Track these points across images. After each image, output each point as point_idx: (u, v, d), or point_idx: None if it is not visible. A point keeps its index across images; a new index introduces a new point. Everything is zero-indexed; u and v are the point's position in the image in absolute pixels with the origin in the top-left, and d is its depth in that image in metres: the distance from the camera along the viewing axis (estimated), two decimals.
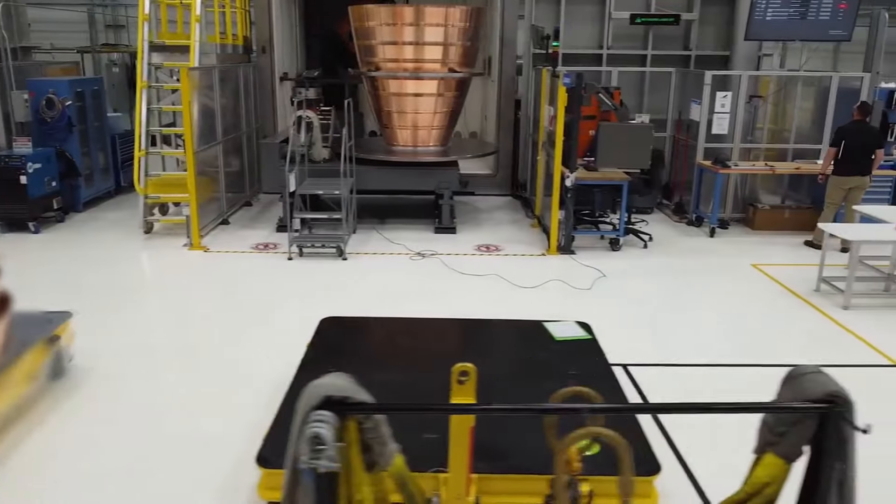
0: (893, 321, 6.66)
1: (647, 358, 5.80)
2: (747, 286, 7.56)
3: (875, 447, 4.46)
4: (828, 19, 9.33)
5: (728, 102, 9.65)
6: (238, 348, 5.86)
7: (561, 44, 11.07)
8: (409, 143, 9.91)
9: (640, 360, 5.76)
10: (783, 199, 10.31)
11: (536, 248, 8.77)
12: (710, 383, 5.42)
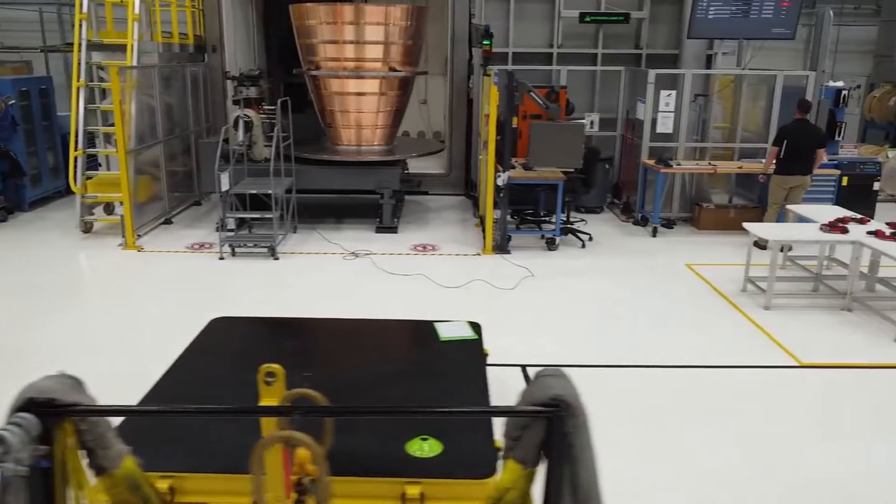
0: (810, 322, 6.58)
1: (550, 358, 5.73)
2: (676, 286, 7.50)
3: (765, 447, 4.44)
4: (770, 17, 9.26)
5: (672, 101, 9.59)
6: (129, 348, 5.81)
7: (512, 43, 11.11)
8: (352, 143, 9.87)
9: (544, 360, 5.69)
10: (730, 199, 10.24)
11: (473, 248, 8.72)
12: (606, 384, 5.36)
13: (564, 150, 8.17)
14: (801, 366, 5.70)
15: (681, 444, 4.53)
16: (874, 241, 6.53)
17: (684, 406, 5.03)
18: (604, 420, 4.65)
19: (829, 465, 4.32)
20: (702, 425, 4.76)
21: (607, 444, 4.34)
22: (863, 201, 9.29)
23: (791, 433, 4.67)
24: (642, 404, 5.04)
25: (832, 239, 6.82)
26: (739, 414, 4.92)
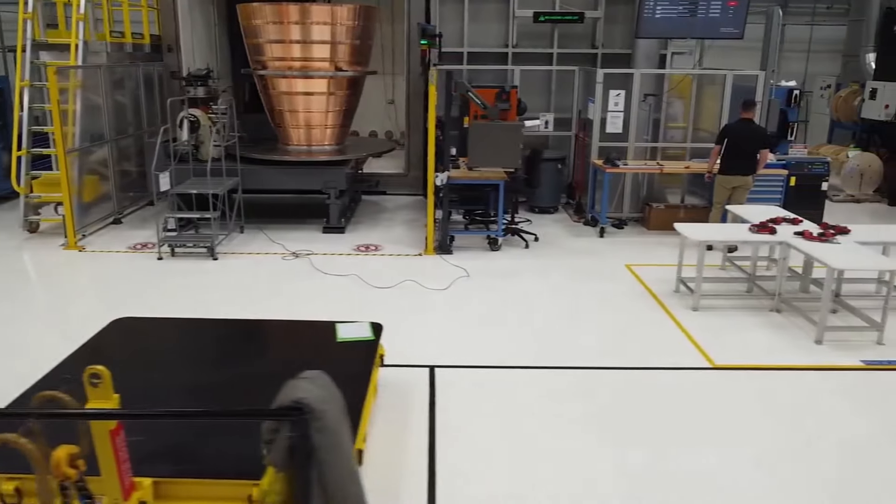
0: (735, 323, 6.54)
1: (459, 359, 5.71)
2: (609, 287, 7.46)
3: (640, 447, 4.38)
4: (718, 17, 9.22)
5: (622, 101, 9.56)
6: (39, 349, 5.78)
7: (467, 43, 11.08)
8: (302, 143, 9.85)
9: (458, 361, 5.68)
10: (682, 199, 10.19)
11: (416, 248, 8.69)
12: (516, 385, 5.33)
13: (503, 150, 8.13)
14: (713, 367, 5.67)
15: (552, 446, 4.49)
16: (799, 242, 6.49)
17: (572, 407, 4.98)
18: (485, 420, 4.71)
19: (693, 466, 4.29)
20: (580, 426, 4.72)
21: (482, 446, 4.39)
22: (811, 201, 9.26)
23: (675, 434, 4.64)
24: (524, 404, 5.01)
25: (760, 240, 6.78)
26: (627, 415, 4.88)
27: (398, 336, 6.11)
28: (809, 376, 5.55)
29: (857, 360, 5.79)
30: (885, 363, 5.76)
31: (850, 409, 5.03)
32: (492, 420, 4.80)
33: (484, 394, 5.18)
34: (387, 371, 5.30)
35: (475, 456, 4.37)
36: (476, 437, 4.58)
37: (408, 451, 4.41)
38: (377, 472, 4.17)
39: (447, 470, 4.22)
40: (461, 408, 4.95)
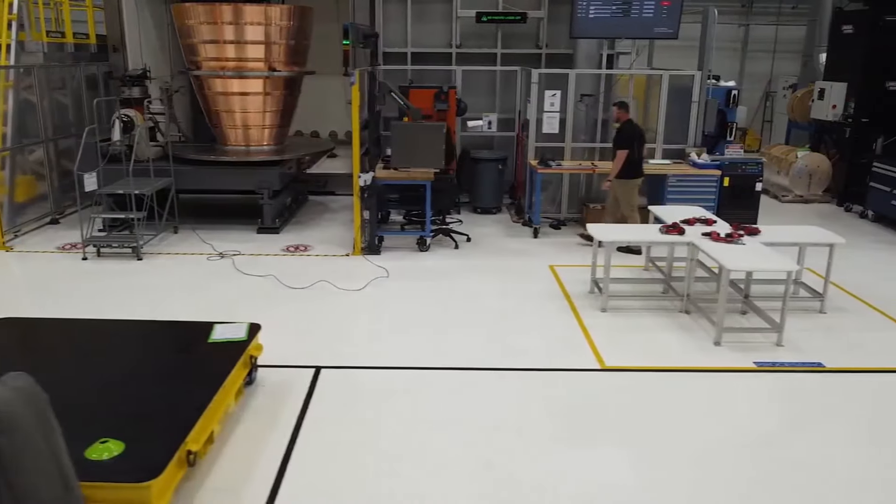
0: (639, 324, 6.51)
1: (354, 360, 5.69)
2: (525, 288, 7.43)
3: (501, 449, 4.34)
4: (651, 17, 9.18)
5: (557, 101, 9.54)
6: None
7: (410, 43, 11.06)
8: (240, 143, 9.84)
9: (348, 362, 5.66)
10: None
11: (347, 249, 8.67)
12: (398, 387, 5.31)
13: (426, 151, 8.12)
14: (602, 369, 5.65)
15: (411, 448, 4.48)
16: (705, 243, 6.46)
17: (446, 410, 4.97)
18: (356, 423, 4.70)
19: (553, 466, 4.28)
20: (448, 430, 4.70)
21: (342, 450, 4.38)
22: (745, 202, 9.23)
23: (546, 434, 4.62)
24: (400, 407, 4.99)
25: (668, 240, 6.76)
26: (500, 418, 4.86)
27: (293, 336, 6.14)
28: (697, 378, 5.53)
29: (750, 362, 5.77)
30: (776, 364, 5.73)
31: (727, 411, 5.01)
32: (362, 423, 4.78)
33: (365, 395, 5.17)
34: (272, 372, 5.32)
35: (330, 460, 4.36)
36: (340, 440, 4.56)
37: (264, 452, 4.39)
38: (224, 472, 4.17)
39: (296, 473, 4.21)
40: (337, 409, 4.94)
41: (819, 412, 5.04)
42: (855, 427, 4.84)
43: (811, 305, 6.97)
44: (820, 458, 4.44)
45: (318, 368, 5.53)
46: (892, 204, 9.81)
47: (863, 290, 7.45)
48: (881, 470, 4.33)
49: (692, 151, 9.49)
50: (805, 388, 5.41)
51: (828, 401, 5.22)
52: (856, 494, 4.09)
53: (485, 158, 10.35)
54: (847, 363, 5.79)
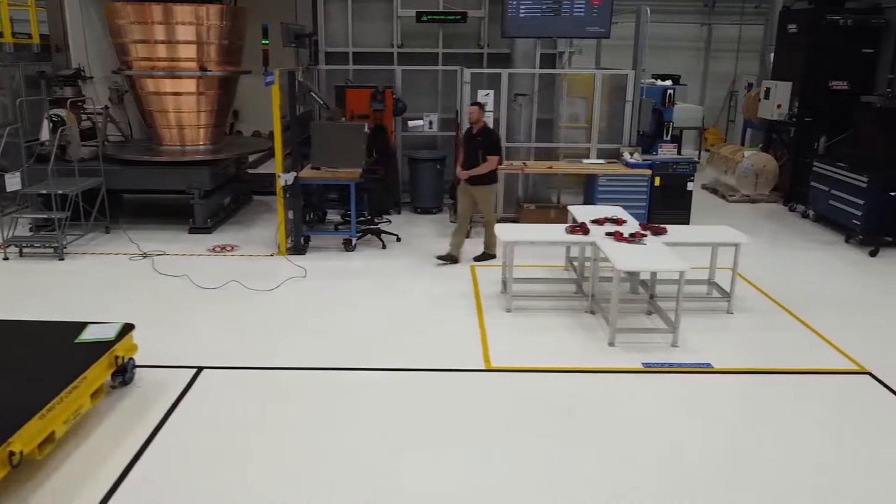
0: (540, 324, 6.48)
1: (244, 361, 5.66)
2: (440, 288, 7.39)
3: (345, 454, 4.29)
4: (583, 16, 9.14)
5: (491, 101, 9.51)
6: None
7: (352, 43, 11.04)
8: (175, 143, 9.83)
9: (237, 362, 5.64)
10: (558, 199, 10.15)
11: (274, 249, 8.65)
12: (280, 388, 5.29)
13: (346, 151, 8.09)
14: (487, 370, 5.62)
15: (273, 446, 4.47)
16: (606, 242, 6.43)
17: (321, 409, 4.95)
18: (227, 423, 4.68)
19: (412, 463, 4.26)
20: (319, 430, 4.69)
21: (202, 452, 4.36)
22: (677, 202, 9.19)
23: (412, 434, 4.60)
24: (282, 408, 4.98)
25: (572, 240, 6.73)
26: (376, 419, 4.84)
27: (183, 336, 6.14)
28: (577, 378, 5.49)
29: (639, 363, 5.74)
30: (664, 365, 5.69)
31: (596, 412, 4.97)
32: (228, 423, 4.76)
33: (240, 396, 5.15)
34: (152, 372, 5.32)
35: (182, 461, 4.34)
36: (199, 442, 4.54)
37: (115, 453, 4.37)
38: (68, 473, 4.16)
39: (140, 474, 4.19)
40: (206, 410, 4.92)
41: (699, 413, 5.00)
42: (732, 427, 4.81)
43: (720, 306, 6.93)
44: (677, 458, 4.41)
45: (200, 369, 5.51)
46: (829, 204, 9.76)
47: (780, 291, 7.41)
48: (752, 466, 4.30)
49: (625, 151, 9.46)
50: (689, 388, 5.38)
51: (710, 402, 5.18)
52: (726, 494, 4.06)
53: (423, 158, 10.33)
54: (738, 364, 5.76)
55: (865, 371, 5.64)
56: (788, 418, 4.93)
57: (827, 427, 4.83)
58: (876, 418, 4.95)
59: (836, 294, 7.45)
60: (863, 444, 4.60)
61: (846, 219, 9.36)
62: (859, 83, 10.68)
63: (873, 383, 5.45)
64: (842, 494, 4.08)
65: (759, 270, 8.06)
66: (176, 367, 5.52)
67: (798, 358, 5.88)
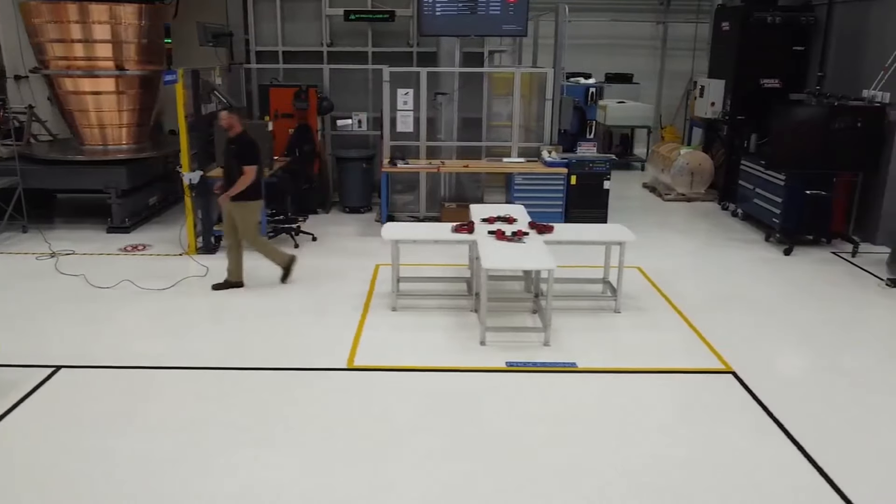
0: (421, 323, 6.45)
1: (109, 359, 5.65)
2: (335, 287, 7.36)
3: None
4: (499, 14, 9.10)
5: (410, 99, 9.48)
6: None
7: (282, 42, 11.01)
8: (97, 142, 9.81)
9: (95, 361, 5.62)
10: (482, 197, 10.11)
11: (184, 249, 8.63)
12: (131, 386, 5.28)
13: None
14: (349, 368, 5.59)
15: (99, 445, 4.45)
16: (484, 241, 6.39)
17: (179, 409, 4.94)
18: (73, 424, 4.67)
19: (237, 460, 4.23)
20: (163, 430, 4.67)
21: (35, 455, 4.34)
22: (594, 200, 9.14)
23: (260, 432, 4.57)
24: (137, 408, 4.95)
25: (455, 238, 6.69)
26: (227, 417, 4.82)
27: (51, 335, 6.11)
28: (438, 378, 5.45)
29: (503, 362, 5.70)
30: (527, 364, 5.65)
31: (447, 411, 4.94)
32: (67, 422, 4.74)
33: (90, 395, 5.12)
34: (7, 371, 5.30)
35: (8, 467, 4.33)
36: (29, 442, 4.52)
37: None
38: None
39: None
40: (49, 410, 4.90)
41: (548, 410, 4.96)
42: (573, 424, 4.77)
43: (610, 305, 6.89)
44: (513, 456, 4.38)
45: (58, 368, 5.49)
46: (754, 202, 9.70)
47: (681, 290, 7.36)
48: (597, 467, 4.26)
49: (545, 149, 9.42)
50: (544, 386, 5.34)
51: (562, 400, 5.14)
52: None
53: (350, 158, 10.30)
54: (604, 364, 5.71)
55: (730, 371, 5.59)
56: (632, 416, 4.89)
57: (665, 426, 4.78)
58: (719, 418, 4.90)
59: (735, 293, 7.40)
60: (698, 443, 4.56)
61: (767, 217, 9.31)
62: (791, 81, 10.62)
63: (733, 383, 5.40)
64: (664, 495, 4.04)
65: (668, 268, 8.04)
66: (31, 366, 5.50)
67: (668, 358, 5.84)
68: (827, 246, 9.05)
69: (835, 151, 8.61)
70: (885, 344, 6.17)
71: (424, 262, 7.82)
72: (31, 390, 5.14)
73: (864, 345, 6.16)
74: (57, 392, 5.16)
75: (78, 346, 5.89)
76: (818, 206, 8.86)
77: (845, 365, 5.77)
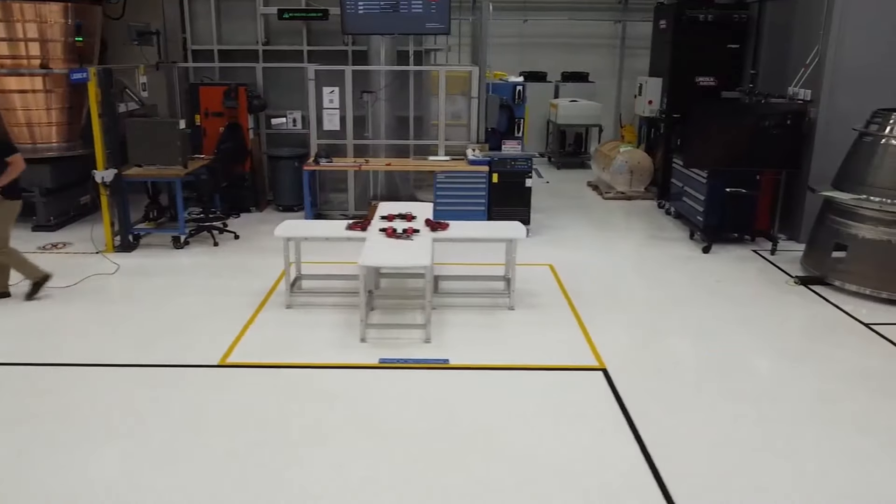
0: (307, 321, 6.46)
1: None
2: (240, 285, 7.36)
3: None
4: (421, 12, 9.10)
5: (336, 98, 9.49)
6: None
7: (217, 41, 11.02)
8: (27, 141, 9.81)
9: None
10: (412, 196, 10.11)
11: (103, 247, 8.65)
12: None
13: (162, 148, 8.09)
14: (219, 365, 5.59)
15: None
16: (371, 238, 6.39)
17: (39, 407, 4.95)
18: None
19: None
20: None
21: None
22: (516, 198, 9.12)
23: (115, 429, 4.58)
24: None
25: (349, 236, 6.69)
26: (81, 413, 4.83)
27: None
28: (305, 374, 5.45)
29: (377, 359, 5.70)
30: (400, 361, 5.65)
31: (318, 407, 4.94)
32: None
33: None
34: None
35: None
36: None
37: None
38: None
39: None
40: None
41: (415, 408, 4.95)
42: (437, 423, 4.76)
43: (504, 302, 6.88)
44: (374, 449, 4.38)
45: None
46: (683, 200, 9.68)
47: (585, 288, 7.36)
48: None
49: (469, 148, 9.41)
50: (411, 383, 5.33)
51: (429, 397, 5.13)
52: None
53: (283, 156, 10.32)
54: (479, 360, 5.70)
55: (602, 368, 5.58)
56: (486, 412, 4.88)
57: (515, 421, 4.77)
58: (568, 414, 4.89)
59: (639, 291, 7.40)
60: (538, 439, 4.55)
61: (693, 215, 9.29)
62: (727, 79, 10.60)
63: (600, 381, 5.38)
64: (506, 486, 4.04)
65: (581, 266, 8.07)
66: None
67: (546, 355, 5.82)
68: (751, 244, 9.04)
69: (754, 150, 8.58)
70: (771, 343, 6.14)
71: (339, 260, 7.83)
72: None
73: (750, 343, 6.13)
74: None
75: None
76: (741, 204, 8.84)
77: (722, 363, 5.74)
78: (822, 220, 7.79)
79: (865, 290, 7.17)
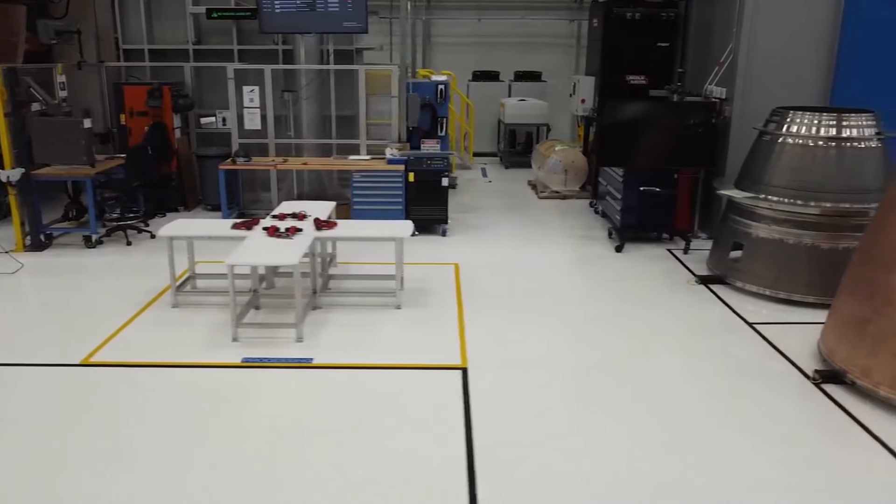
0: (187, 319, 6.45)
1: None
2: (140, 284, 7.34)
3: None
4: (338, 11, 9.09)
5: (256, 97, 9.48)
6: None
7: (147, 40, 11.04)
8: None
9: None
10: (338, 194, 10.10)
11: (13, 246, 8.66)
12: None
13: (67, 146, 8.09)
14: (82, 364, 5.58)
15: None
16: (254, 238, 6.39)
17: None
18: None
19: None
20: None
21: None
22: (433, 197, 9.09)
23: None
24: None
25: (233, 235, 6.68)
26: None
27: None
28: (165, 373, 5.44)
29: (240, 358, 5.69)
30: (263, 360, 5.64)
31: (164, 407, 4.93)
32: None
33: None
34: None
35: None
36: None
37: None
38: None
39: None
40: None
41: (265, 407, 4.94)
42: (284, 421, 4.75)
43: (393, 301, 6.85)
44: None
45: None
46: (607, 199, 9.65)
47: (482, 287, 7.33)
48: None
49: (388, 147, 9.39)
50: (275, 383, 5.32)
51: (283, 396, 5.12)
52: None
53: (209, 155, 10.31)
54: (344, 359, 5.68)
55: (462, 367, 5.55)
56: (336, 410, 4.87)
57: (363, 421, 4.74)
58: (415, 413, 4.87)
59: (535, 291, 7.31)
60: (380, 438, 4.53)
61: (613, 213, 9.26)
62: (657, 77, 10.56)
63: (455, 380, 5.35)
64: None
65: (487, 265, 8.05)
66: None
67: (415, 354, 5.79)
68: (668, 243, 9.01)
69: (669, 148, 8.55)
70: (640, 342, 6.08)
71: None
72: None
73: (619, 343, 6.08)
74: None
75: None
76: (658, 203, 8.81)
77: (580, 362, 5.69)
78: (724, 219, 7.76)
79: (765, 291, 7.12)
